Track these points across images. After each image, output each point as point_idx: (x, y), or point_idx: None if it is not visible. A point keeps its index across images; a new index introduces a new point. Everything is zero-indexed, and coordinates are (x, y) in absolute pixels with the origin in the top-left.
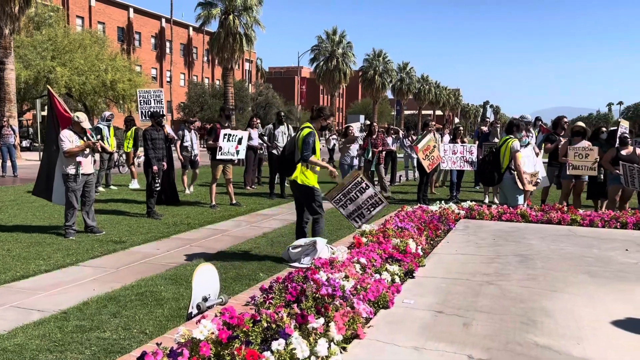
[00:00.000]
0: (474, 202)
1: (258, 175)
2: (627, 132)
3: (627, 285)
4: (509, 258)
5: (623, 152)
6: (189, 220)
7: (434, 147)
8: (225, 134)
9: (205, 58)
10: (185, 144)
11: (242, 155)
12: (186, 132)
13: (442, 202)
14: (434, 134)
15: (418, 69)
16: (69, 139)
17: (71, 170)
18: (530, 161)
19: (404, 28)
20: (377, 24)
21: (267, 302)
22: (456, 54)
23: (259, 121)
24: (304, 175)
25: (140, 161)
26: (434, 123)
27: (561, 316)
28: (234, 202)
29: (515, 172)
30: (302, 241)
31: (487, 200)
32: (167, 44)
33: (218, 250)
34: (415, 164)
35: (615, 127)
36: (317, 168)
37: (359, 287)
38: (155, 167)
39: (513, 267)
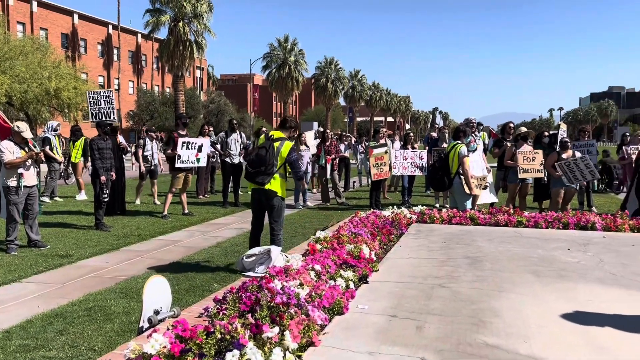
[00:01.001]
0: (425, 207)
1: (211, 183)
2: (565, 135)
3: (570, 284)
4: (459, 260)
5: (564, 156)
6: (140, 232)
7: (385, 162)
8: (184, 142)
9: (155, 65)
10: (145, 154)
11: (203, 163)
12: (147, 141)
13: (395, 207)
14: (387, 145)
15: (369, 77)
16: (9, 150)
17: (12, 182)
18: (479, 165)
19: (355, 36)
20: (328, 32)
21: (221, 313)
22: (406, 61)
23: (211, 129)
24: (281, 187)
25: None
26: (385, 130)
27: (509, 316)
28: (186, 211)
29: (463, 177)
30: (256, 250)
31: (438, 205)
32: (115, 51)
33: (170, 261)
34: (368, 170)
35: (556, 132)
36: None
37: (313, 294)
38: (103, 178)
39: (463, 269)
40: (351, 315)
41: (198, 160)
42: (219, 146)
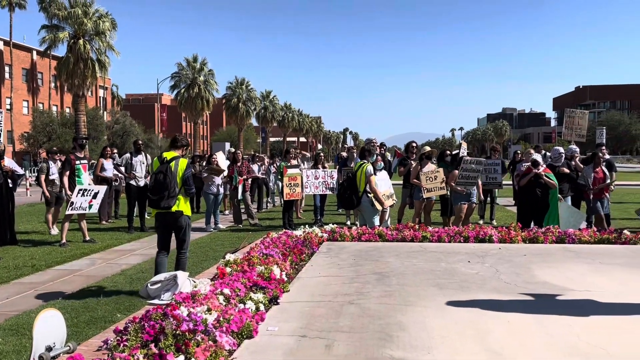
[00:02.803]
0: (336, 225)
1: (115, 208)
2: (466, 153)
3: (470, 294)
4: (368, 277)
5: None
6: (34, 262)
7: (298, 183)
8: (80, 190)
9: (53, 84)
10: (51, 177)
11: (94, 210)
12: (51, 164)
13: (307, 226)
14: (300, 165)
15: (281, 97)
16: None
17: None
18: (386, 183)
19: (266, 57)
20: (239, 53)
21: (122, 344)
22: (316, 83)
23: (115, 151)
24: (187, 206)
25: None
26: (299, 151)
27: (414, 328)
28: (87, 238)
29: (372, 195)
30: (161, 276)
31: (349, 222)
32: (7, 68)
33: (69, 292)
34: (281, 190)
35: (457, 150)
36: None
37: (222, 319)
38: None
39: (372, 285)
40: (261, 338)
41: (91, 206)
42: (123, 168)
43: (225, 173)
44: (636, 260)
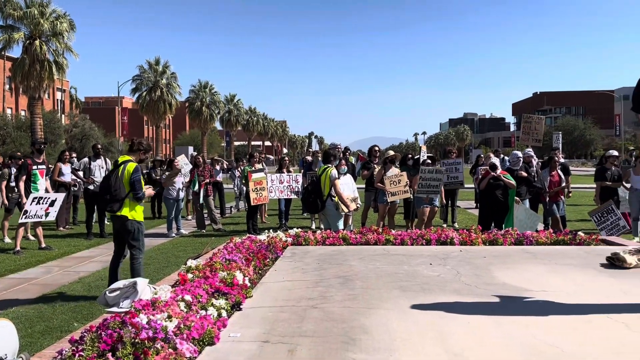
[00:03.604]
0: (300, 229)
1: (74, 214)
2: (426, 156)
3: (432, 296)
4: (331, 281)
5: None
6: None
7: (264, 187)
8: (34, 198)
9: (7, 86)
10: (12, 184)
11: (52, 217)
12: (13, 170)
13: (271, 230)
14: (265, 169)
15: (245, 101)
16: None
17: None
18: (349, 187)
19: (229, 61)
20: (202, 56)
21: (77, 355)
22: (281, 87)
23: (74, 155)
24: (135, 211)
25: None
26: (264, 155)
27: (377, 331)
28: (43, 245)
29: (337, 198)
30: (120, 283)
31: (314, 226)
32: None
33: (23, 301)
34: (246, 195)
35: (419, 155)
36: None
37: (182, 326)
38: None
39: (335, 289)
40: (222, 345)
41: (47, 214)
42: (81, 173)
43: (187, 178)
44: (589, 261)
